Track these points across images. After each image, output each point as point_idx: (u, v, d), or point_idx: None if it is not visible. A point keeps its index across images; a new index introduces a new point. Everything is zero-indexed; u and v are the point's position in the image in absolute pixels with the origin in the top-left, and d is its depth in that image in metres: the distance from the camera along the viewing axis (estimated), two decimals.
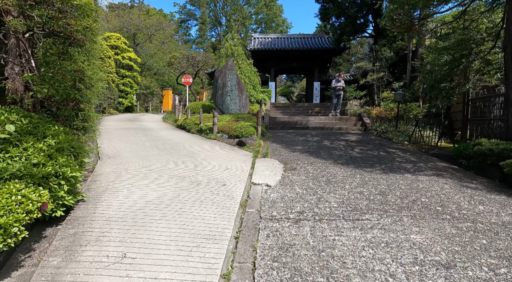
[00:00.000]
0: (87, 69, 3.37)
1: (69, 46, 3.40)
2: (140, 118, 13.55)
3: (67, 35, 3.15)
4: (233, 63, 11.65)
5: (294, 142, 7.13)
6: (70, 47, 3.28)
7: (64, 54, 3.25)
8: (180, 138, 7.93)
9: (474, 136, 8.17)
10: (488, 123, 7.50)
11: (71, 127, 3.61)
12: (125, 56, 17.73)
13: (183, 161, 5.03)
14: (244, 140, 6.96)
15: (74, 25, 3.07)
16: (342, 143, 6.98)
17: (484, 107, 7.75)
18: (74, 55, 3.24)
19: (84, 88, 3.41)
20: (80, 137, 3.67)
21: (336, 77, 10.61)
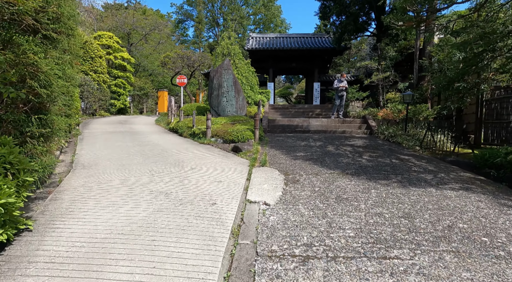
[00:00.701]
0: (41, 63, 2.69)
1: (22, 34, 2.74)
2: (131, 120, 12.85)
3: (12, 19, 2.48)
4: (229, 63, 11.01)
5: (295, 148, 6.47)
6: (18, 35, 2.61)
7: (10, 43, 2.58)
8: (171, 143, 7.25)
9: (490, 140, 7.55)
10: (506, 126, 6.88)
11: (24, 135, 2.92)
12: (118, 56, 17.04)
13: (169, 172, 4.35)
14: (240, 145, 6.29)
15: (19, 5, 2.41)
16: (348, 149, 6.33)
17: (501, 109, 7.14)
18: (22, 45, 2.57)
19: (38, 87, 2.73)
20: (37, 147, 2.97)
21: (338, 77, 10.00)
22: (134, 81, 19.46)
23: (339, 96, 10.01)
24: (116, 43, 17.13)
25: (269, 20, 38.81)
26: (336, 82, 9.91)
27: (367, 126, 9.17)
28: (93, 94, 13.54)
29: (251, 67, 13.30)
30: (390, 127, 8.24)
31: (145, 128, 10.36)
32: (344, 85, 9.77)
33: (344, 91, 9.95)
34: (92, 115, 14.07)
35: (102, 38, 16.44)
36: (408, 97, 7.53)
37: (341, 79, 9.81)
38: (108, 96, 15.58)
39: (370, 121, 9.18)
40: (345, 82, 9.84)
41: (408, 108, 7.66)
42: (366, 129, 9.13)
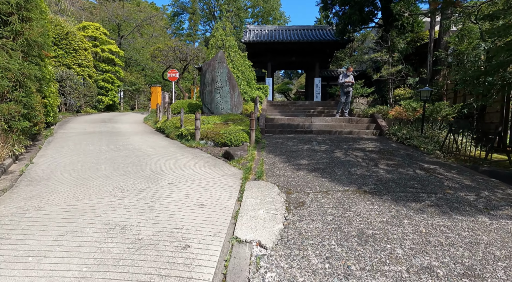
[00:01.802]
0: None
1: None
2: (117, 118, 11.84)
3: None
4: (223, 55, 9.98)
5: (297, 153, 5.52)
6: None
7: None
8: (153, 146, 6.29)
9: None
10: None
11: None
12: (105, 49, 15.90)
13: (138, 190, 3.40)
14: (233, 150, 5.34)
15: None
16: (359, 155, 5.39)
17: None
18: None
19: None
20: None
21: (344, 71, 9.01)
22: (125, 76, 18.35)
23: (345, 93, 9.04)
24: (103, 35, 15.95)
25: (268, 13, 37.53)
26: (341, 77, 8.93)
27: (376, 126, 8.24)
28: (77, 90, 12.48)
29: (248, 61, 12.27)
30: (403, 127, 7.30)
31: (129, 127, 9.37)
32: (350, 80, 8.80)
33: (351, 87, 8.99)
34: (77, 112, 13.03)
35: (88, 29, 15.27)
36: (426, 94, 6.58)
37: (347, 73, 8.84)
38: (94, 91, 14.50)
39: (379, 121, 8.24)
40: (352, 77, 8.87)
41: (425, 106, 6.71)
42: (375, 129, 8.20)
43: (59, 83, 11.66)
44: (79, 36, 13.58)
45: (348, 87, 8.93)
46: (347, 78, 8.85)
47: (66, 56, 12.70)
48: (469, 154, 5.60)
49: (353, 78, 8.90)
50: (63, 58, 12.63)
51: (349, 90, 8.99)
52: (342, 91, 9.05)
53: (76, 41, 13.03)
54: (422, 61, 11.86)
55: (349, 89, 8.98)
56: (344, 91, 9.03)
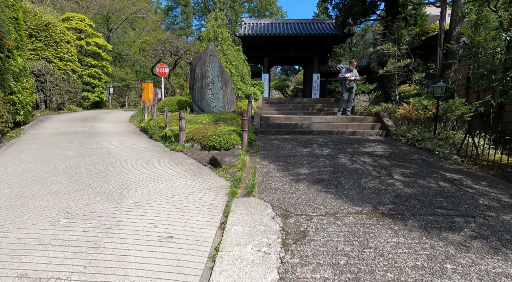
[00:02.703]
0: None
1: None
2: (101, 117, 10.98)
3: None
4: (215, 48, 9.16)
5: (296, 159, 4.76)
6: None
7: None
8: (130, 150, 5.48)
9: None
10: None
11: None
12: (91, 42, 14.92)
13: (91, 214, 2.63)
14: (221, 156, 4.56)
15: None
16: (367, 161, 4.65)
17: None
18: None
19: None
20: None
21: (346, 66, 8.23)
22: (114, 71, 17.39)
23: (347, 89, 8.27)
24: (88, 27, 14.97)
25: (265, 8, 36.48)
26: (343, 72, 8.15)
27: (382, 125, 7.50)
28: (58, 86, 11.56)
29: (242, 55, 11.44)
30: (413, 127, 6.58)
31: (111, 127, 8.53)
32: (354, 76, 8.02)
33: (354, 83, 8.21)
34: (59, 110, 12.13)
35: (72, 21, 14.27)
36: (440, 90, 5.83)
37: (350, 68, 8.06)
38: (79, 87, 13.57)
39: (385, 120, 7.51)
40: (356, 71, 8.10)
41: (439, 104, 5.97)
42: (380, 129, 7.46)
43: (37, 78, 10.74)
44: (61, 28, 12.60)
45: (351, 83, 8.16)
46: (349, 74, 8.08)
47: (46, 49, 11.75)
48: (490, 158, 4.89)
49: (357, 73, 8.13)
50: (43, 51, 11.68)
51: (352, 86, 8.22)
52: (345, 87, 8.28)
53: (57, 33, 12.06)
54: (428, 55, 11.14)
55: (353, 85, 8.21)
56: (347, 87, 8.26)
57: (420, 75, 9.44)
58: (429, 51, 11.10)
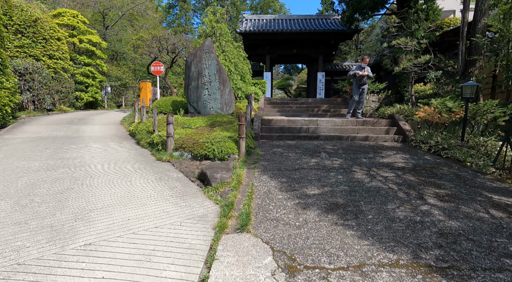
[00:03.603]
0: None
1: None
2: (92, 118, 10.26)
3: None
4: (212, 43, 8.38)
5: (302, 173, 3.97)
6: None
7: None
8: (109, 160, 4.73)
9: None
10: None
11: None
12: (84, 39, 14.20)
13: (14, 268, 1.86)
14: (212, 171, 3.78)
15: None
16: (389, 176, 3.84)
17: None
18: None
19: None
20: None
21: (358, 63, 7.39)
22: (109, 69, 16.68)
23: (358, 89, 7.45)
24: (82, 24, 14.25)
25: (267, 5, 35.61)
26: (354, 69, 7.31)
27: (398, 130, 6.68)
28: (47, 85, 10.86)
29: (243, 52, 10.66)
30: (435, 133, 5.75)
31: (98, 130, 7.80)
32: (366, 74, 7.19)
33: (366, 82, 7.37)
34: (48, 110, 11.44)
35: (64, 17, 13.57)
36: (470, 90, 5.00)
37: (362, 65, 7.22)
38: (71, 87, 12.87)
39: (401, 123, 6.68)
40: (369, 69, 7.27)
41: (467, 106, 5.12)
42: (396, 134, 6.65)
43: (23, 77, 10.05)
44: (51, 24, 11.89)
45: (364, 80, 7.32)
46: (361, 71, 7.24)
47: (34, 46, 11.05)
48: None
49: (370, 70, 7.29)
50: (30, 48, 10.99)
51: (364, 85, 7.38)
52: (356, 86, 7.44)
53: (46, 30, 11.36)
54: (443, 52, 10.26)
55: (365, 84, 7.36)
56: (358, 85, 7.44)
57: (437, 73, 8.58)
58: (446, 47, 10.23)
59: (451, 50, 9.74)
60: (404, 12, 8.43)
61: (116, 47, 19.38)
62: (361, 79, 7.34)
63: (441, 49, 10.30)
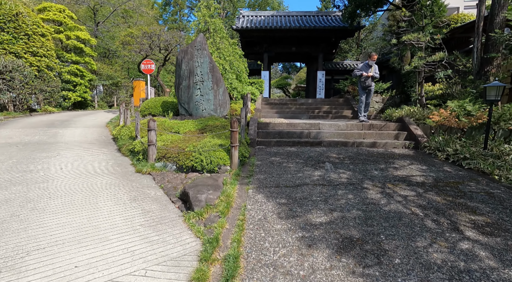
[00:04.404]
0: None
1: None
2: (76, 120, 9.55)
3: None
4: (204, 39, 7.72)
5: (305, 191, 3.33)
6: None
7: None
8: (79, 173, 4.05)
9: None
10: None
11: None
12: (71, 35, 13.44)
13: None
14: (196, 190, 3.13)
15: None
16: (409, 196, 3.21)
17: None
18: None
19: None
20: None
21: (367, 60, 6.69)
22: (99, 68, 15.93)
23: (363, 89, 6.80)
24: (69, 19, 13.49)
25: (265, 2, 34.88)
26: (360, 68, 6.66)
27: (409, 135, 6.06)
28: (29, 84, 10.13)
29: (239, 49, 9.99)
30: (452, 139, 5.12)
31: (79, 134, 7.11)
32: (374, 72, 6.57)
33: (373, 82, 6.72)
34: (31, 111, 10.71)
35: (49, 12, 12.81)
36: (495, 92, 4.38)
37: (369, 62, 6.57)
38: (57, 86, 12.13)
39: (412, 128, 6.05)
40: (376, 67, 6.60)
41: (491, 109, 4.50)
42: (407, 139, 6.02)
43: (2, 76, 9.32)
44: (35, 19, 11.15)
45: (368, 80, 6.66)
46: (369, 70, 6.60)
47: (15, 43, 10.31)
48: None
49: (377, 69, 6.67)
50: (11, 44, 10.25)
51: (369, 85, 6.74)
52: (361, 87, 6.80)
53: (29, 25, 10.63)
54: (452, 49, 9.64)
55: (370, 84, 6.72)
56: (362, 86, 6.79)
57: (446, 72, 7.96)
58: (455, 45, 9.62)
59: (461, 47, 9.13)
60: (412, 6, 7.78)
61: (108, 45, 18.60)
62: (366, 79, 6.70)
63: (450, 47, 9.69)
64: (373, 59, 6.52)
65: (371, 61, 6.55)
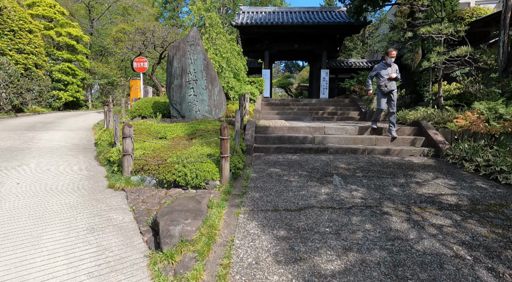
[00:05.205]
0: None
1: None
2: (61, 122, 8.91)
3: None
4: (198, 34, 7.04)
5: (309, 217, 2.63)
6: None
7: None
8: (39, 189, 3.38)
9: None
10: None
11: None
12: (62, 32, 12.81)
13: None
14: (173, 217, 2.45)
15: None
16: (445, 227, 2.49)
17: None
18: None
19: None
20: None
21: (385, 58, 5.40)
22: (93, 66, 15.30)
23: (384, 96, 5.48)
24: (60, 15, 12.87)
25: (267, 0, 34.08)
26: (377, 68, 5.46)
27: (427, 140, 5.33)
28: (14, 83, 9.52)
29: (237, 46, 9.30)
30: (480, 147, 4.39)
31: (59, 138, 6.46)
32: (394, 74, 5.30)
33: (395, 84, 5.37)
34: (17, 111, 10.09)
35: (39, 7, 12.18)
36: None
37: (387, 61, 5.31)
38: (47, 85, 11.51)
39: (431, 133, 5.32)
40: (396, 67, 5.36)
41: None
42: (424, 146, 5.30)
43: None
44: (22, 14, 10.52)
45: (390, 83, 5.32)
46: (388, 70, 5.35)
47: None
48: None
49: (397, 68, 5.40)
50: None
51: (392, 89, 5.34)
52: (380, 91, 5.48)
53: (14, 20, 10.01)
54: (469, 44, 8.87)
55: (392, 88, 5.33)
56: (383, 90, 5.40)
57: (463, 70, 7.22)
58: (472, 39, 8.83)
59: (479, 42, 8.36)
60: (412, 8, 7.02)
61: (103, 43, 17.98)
62: (387, 82, 5.34)
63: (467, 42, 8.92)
64: (391, 56, 5.26)
65: (390, 58, 5.28)
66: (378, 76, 5.45)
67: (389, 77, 5.33)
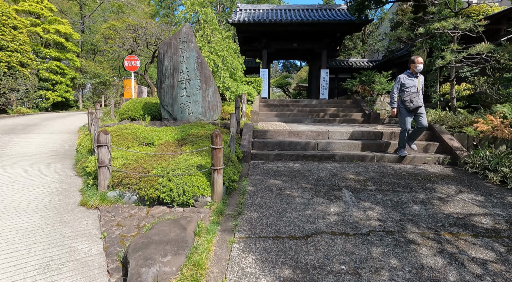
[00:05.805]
0: None
1: None
2: (44, 124, 8.34)
3: None
4: (191, 30, 6.52)
5: (318, 251, 2.12)
6: None
7: None
8: None
9: None
10: None
11: None
12: (50, 29, 12.19)
13: None
14: (146, 253, 1.93)
15: None
16: (489, 263, 2.00)
17: None
18: None
19: None
20: None
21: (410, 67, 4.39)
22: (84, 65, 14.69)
23: (410, 114, 4.46)
24: (48, 11, 12.26)
25: None
26: (402, 78, 4.43)
27: (442, 146, 4.85)
28: None
29: (233, 43, 8.78)
30: (505, 155, 3.93)
31: (37, 144, 5.90)
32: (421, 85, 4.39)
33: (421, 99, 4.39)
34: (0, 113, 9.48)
35: (24, 2, 11.56)
36: None
37: (415, 69, 4.32)
38: (33, 85, 10.91)
39: (446, 138, 4.85)
40: (422, 78, 4.41)
41: None
42: (439, 152, 4.83)
43: None
44: (6, 10, 9.91)
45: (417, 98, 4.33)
46: (413, 80, 4.37)
47: None
48: None
49: (423, 79, 4.46)
50: None
51: (420, 105, 4.35)
52: (405, 108, 4.44)
53: None
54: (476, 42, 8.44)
55: (419, 103, 4.34)
56: (408, 106, 4.36)
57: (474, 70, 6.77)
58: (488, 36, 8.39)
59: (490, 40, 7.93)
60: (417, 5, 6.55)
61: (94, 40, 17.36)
62: (414, 97, 4.32)
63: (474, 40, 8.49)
64: (419, 63, 4.26)
65: (418, 65, 4.26)
66: (402, 89, 4.44)
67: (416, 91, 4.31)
